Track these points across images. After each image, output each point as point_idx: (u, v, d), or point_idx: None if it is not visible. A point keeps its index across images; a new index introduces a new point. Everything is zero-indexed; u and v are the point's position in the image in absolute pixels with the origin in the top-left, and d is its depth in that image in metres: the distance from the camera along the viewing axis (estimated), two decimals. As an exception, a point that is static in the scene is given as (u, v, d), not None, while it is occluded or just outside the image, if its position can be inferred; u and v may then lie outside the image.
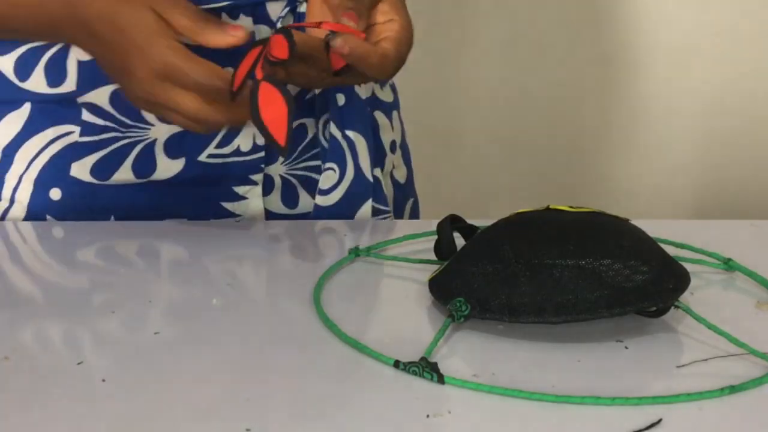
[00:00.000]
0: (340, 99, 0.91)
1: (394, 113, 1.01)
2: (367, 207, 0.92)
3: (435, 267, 0.74)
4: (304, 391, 0.59)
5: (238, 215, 0.90)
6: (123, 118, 0.86)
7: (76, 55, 0.85)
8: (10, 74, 0.86)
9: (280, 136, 0.71)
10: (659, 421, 0.56)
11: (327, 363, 0.63)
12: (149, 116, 0.87)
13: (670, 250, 0.70)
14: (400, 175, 1.02)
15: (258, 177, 0.90)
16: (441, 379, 0.60)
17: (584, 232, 0.67)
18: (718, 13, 1.85)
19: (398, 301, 0.72)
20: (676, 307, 0.67)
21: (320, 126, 0.92)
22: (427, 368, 0.60)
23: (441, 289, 0.69)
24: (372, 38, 0.80)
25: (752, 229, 0.90)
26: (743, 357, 0.64)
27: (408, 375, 0.60)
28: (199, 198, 0.89)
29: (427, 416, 0.57)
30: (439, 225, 0.76)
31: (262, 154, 0.89)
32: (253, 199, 0.90)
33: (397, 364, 0.61)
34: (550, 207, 0.72)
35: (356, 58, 0.75)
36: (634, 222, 0.71)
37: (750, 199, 1.92)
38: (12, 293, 0.74)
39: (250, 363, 0.63)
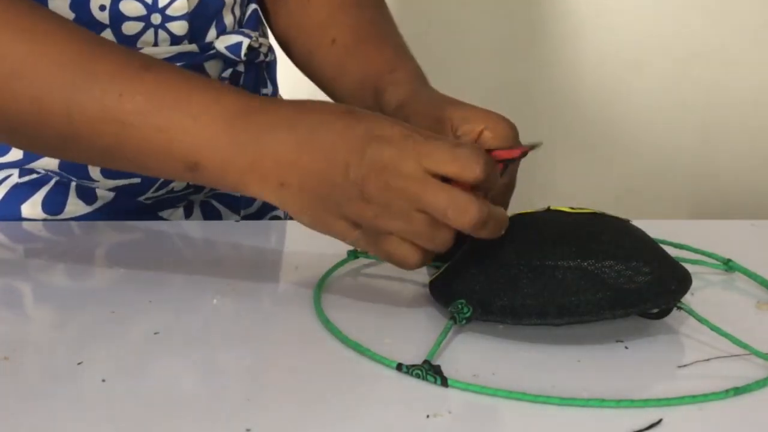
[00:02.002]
0: None
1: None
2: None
3: (433, 268, 0.74)
4: (304, 391, 0.59)
5: None
6: (70, 177, 0.87)
7: None
8: None
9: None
10: (659, 421, 0.56)
11: (327, 364, 0.63)
12: (95, 173, 0.86)
13: (670, 251, 0.70)
14: None
15: (182, 203, 0.93)
16: (444, 383, 0.59)
17: (586, 234, 0.67)
18: (718, 13, 1.85)
19: (398, 302, 0.72)
20: (679, 308, 0.67)
21: None
22: (430, 371, 0.60)
23: (442, 292, 0.69)
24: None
25: (752, 229, 0.90)
26: (744, 357, 0.64)
27: (408, 376, 0.60)
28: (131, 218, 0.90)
29: (427, 416, 0.56)
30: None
31: (191, 190, 0.91)
32: (174, 220, 0.93)
33: (399, 367, 0.61)
34: (551, 208, 0.71)
35: None
36: (634, 222, 0.71)
37: (750, 199, 1.92)
38: (12, 293, 0.74)
39: (250, 363, 0.63)
